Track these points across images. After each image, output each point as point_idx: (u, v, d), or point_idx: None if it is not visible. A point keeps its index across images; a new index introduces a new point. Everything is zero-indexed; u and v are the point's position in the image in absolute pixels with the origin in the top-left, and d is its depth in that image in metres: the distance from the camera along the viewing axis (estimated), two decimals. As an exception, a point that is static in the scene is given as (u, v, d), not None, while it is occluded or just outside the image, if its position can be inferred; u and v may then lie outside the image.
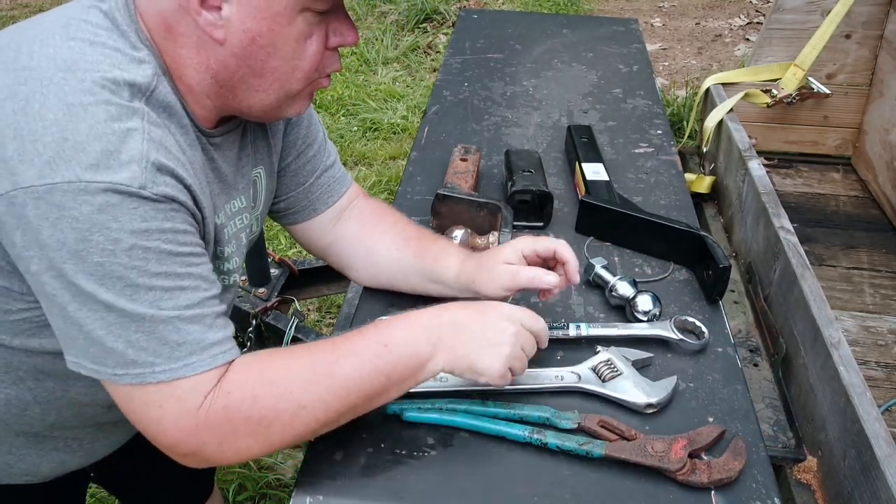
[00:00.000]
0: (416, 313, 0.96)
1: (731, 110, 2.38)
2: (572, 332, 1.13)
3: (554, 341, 1.12)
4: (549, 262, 1.15)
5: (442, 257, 1.19)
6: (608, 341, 1.13)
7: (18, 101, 0.79)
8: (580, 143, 1.61)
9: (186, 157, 0.88)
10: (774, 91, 2.57)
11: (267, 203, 1.15)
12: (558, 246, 1.13)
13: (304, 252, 3.01)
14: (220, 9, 0.85)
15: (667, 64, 4.86)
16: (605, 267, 1.25)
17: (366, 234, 1.23)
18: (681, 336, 1.13)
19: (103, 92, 0.81)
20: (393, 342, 0.92)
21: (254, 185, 1.08)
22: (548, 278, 1.09)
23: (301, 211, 1.22)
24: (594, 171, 1.51)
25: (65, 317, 0.81)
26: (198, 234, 0.89)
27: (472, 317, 0.97)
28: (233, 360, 0.87)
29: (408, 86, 4.49)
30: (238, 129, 1.02)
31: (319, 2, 0.87)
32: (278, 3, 0.86)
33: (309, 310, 2.77)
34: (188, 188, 0.86)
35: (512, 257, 1.13)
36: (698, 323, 1.15)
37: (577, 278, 1.12)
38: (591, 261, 1.26)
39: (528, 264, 1.13)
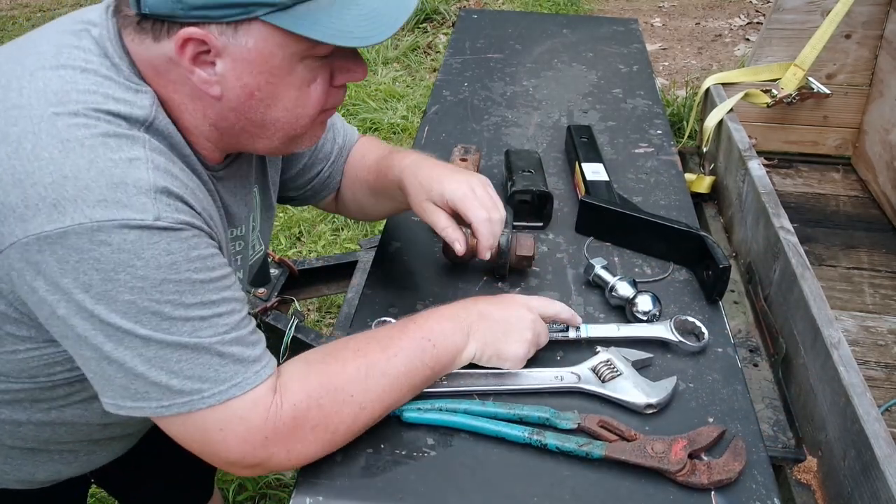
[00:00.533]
0: (446, 307, 1.03)
1: (731, 110, 2.38)
2: (572, 333, 1.12)
3: (554, 342, 1.12)
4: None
5: (396, 160, 1.16)
6: (608, 342, 1.13)
7: (10, 143, 0.76)
8: (580, 143, 1.61)
9: (192, 185, 0.85)
10: (774, 91, 2.57)
11: (262, 219, 1.14)
12: (478, 224, 1.06)
13: (304, 252, 3.02)
14: (213, 65, 0.81)
15: (667, 64, 4.86)
16: (604, 267, 1.25)
17: (350, 177, 1.26)
18: (680, 338, 1.13)
19: (99, 123, 0.78)
20: (434, 336, 0.97)
21: (253, 210, 1.08)
22: (457, 245, 1.07)
23: (320, 192, 1.26)
24: (594, 171, 1.51)
25: (100, 358, 0.78)
26: (221, 254, 0.87)
27: (496, 308, 1.04)
28: (275, 371, 0.87)
29: (408, 86, 4.48)
30: (241, 161, 1.01)
31: (320, 48, 0.83)
32: (275, 57, 0.81)
33: (309, 310, 2.77)
34: (199, 214, 0.84)
35: (439, 200, 1.07)
36: (698, 323, 1.15)
37: (485, 256, 1.08)
38: (591, 261, 1.26)
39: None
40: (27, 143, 0.76)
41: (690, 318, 1.16)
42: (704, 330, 1.15)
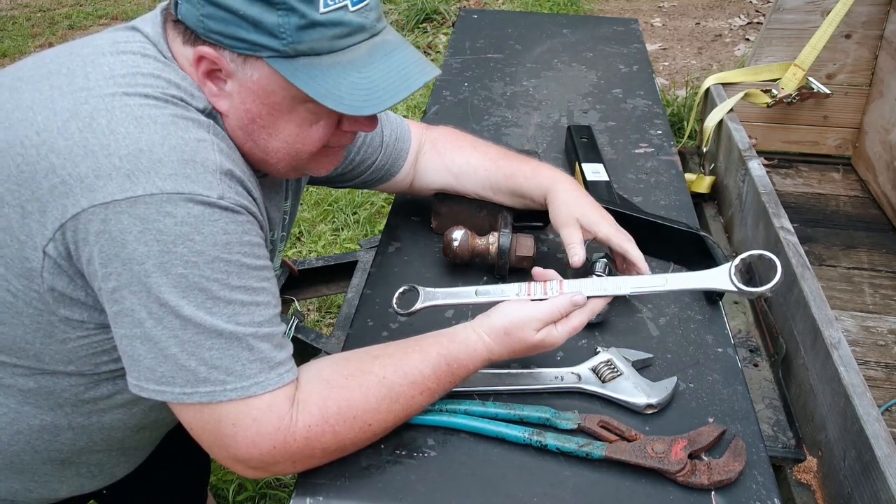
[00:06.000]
0: (485, 354, 0.98)
1: (731, 110, 2.38)
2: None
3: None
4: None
5: (533, 176, 1.25)
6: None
7: (82, 119, 0.79)
8: (580, 143, 1.61)
9: (248, 174, 0.88)
10: (774, 91, 2.57)
11: (290, 222, 1.17)
12: (636, 258, 1.14)
13: (304, 252, 3.02)
14: (225, 82, 0.86)
15: (667, 64, 4.86)
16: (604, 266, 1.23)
17: (447, 159, 1.30)
18: (740, 285, 0.97)
19: (168, 105, 0.82)
20: (459, 380, 0.97)
21: (283, 218, 1.10)
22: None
23: (378, 181, 1.29)
24: (594, 171, 1.51)
25: (136, 335, 0.80)
26: (266, 248, 0.89)
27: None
28: (295, 381, 0.87)
29: (408, 86, 4.48)
30: None
31: None
32: (276, 95, 0.85)
33: (309, 310, 2.77)
34: (255, 201, 0.87)
35: (585, 224, 1.17)
36: (769, 256, 0.97)
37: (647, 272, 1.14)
38: (592, 259, 1.25)
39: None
40: (101, 118, 0.79)
41: (755, 253, 0.99)
42: (777, 264, 0.94)
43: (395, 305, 1.06)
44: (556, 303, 0.99)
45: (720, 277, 1.00)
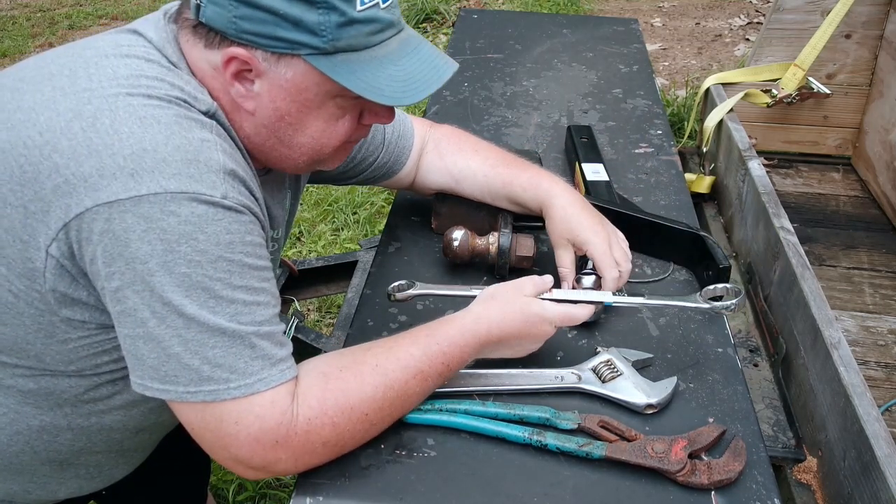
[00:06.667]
0: (475, 324, 0.99)
1: (731, 110, 2.38)
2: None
3: (557, 343, 1.11)
4: None
5: (530, 188, 1.24)
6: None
7: (85, 119, 0.79)
8: (580, 143, 1.61)
9: (250, 175, 0.89)
10: (774, 91, 2.57)
11: (290, 220, 1.17)
12: (608, 282, 1.14)
13: (304, 252, 3.02)
14: (252, 82, 0.87)
15: (667, 64, 4.85)
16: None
17: (448, 161, 1.30)
18: (711, 303, 1.08)
19: (171, 106, 0.82)
20: (454, 362, 0.98)
21: (285, 214, 1.11)
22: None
23: (380, 178, 1.30)
24: (594, 172, 1.51)
25: (140, 334, 0.80)
26: (266, 248, 0.90)
27: (518, 332, 1.02)
28: (295, 377, 0.88)
29: (408, 86, 4.47)
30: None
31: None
32: (309, 91, 0.87)
33: (309, 310, 2.77)
34: (257, 200, 0.88)
35: (577, 244, 1.17)
36: (728, 286, 1.09)
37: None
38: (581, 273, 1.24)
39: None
40: (105, 118, 0.79)
41: (720, 286, 1.10)
42: (736, 292, 1.08)
43: (390, 291, 1.11)
44: (541, 277, 1.06)
45: (692, 299, 1.11)
